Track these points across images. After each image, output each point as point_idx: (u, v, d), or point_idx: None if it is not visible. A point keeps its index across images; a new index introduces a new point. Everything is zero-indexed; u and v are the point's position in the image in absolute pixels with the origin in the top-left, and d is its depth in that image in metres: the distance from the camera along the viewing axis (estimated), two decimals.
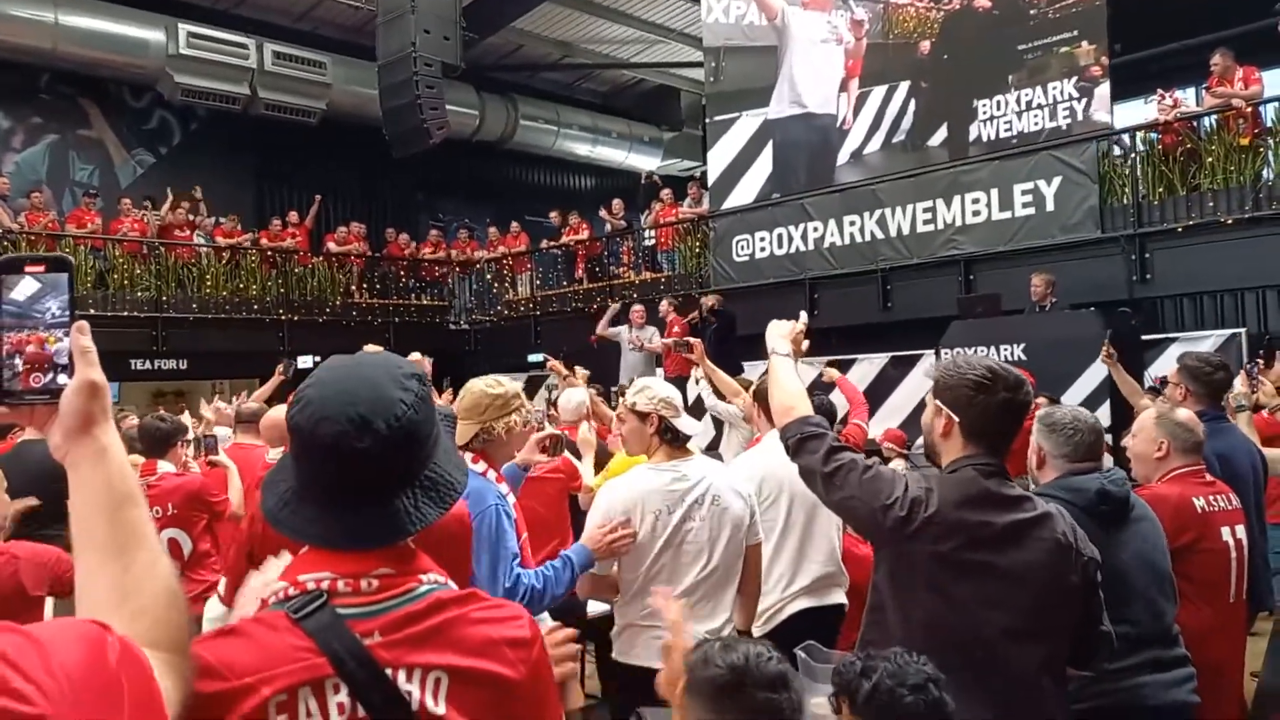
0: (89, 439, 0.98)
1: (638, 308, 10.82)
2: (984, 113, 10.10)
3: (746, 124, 12.18)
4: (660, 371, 9.92)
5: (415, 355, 4.83)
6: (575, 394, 5.36)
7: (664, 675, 1.66)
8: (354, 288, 14.09)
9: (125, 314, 11.59)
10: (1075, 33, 9.48)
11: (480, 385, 2.72)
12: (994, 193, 9.73)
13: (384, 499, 1.17)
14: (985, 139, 10.13)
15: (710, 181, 12.63)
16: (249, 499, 3.91)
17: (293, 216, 13.99)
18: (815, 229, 11.06)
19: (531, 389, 10.23)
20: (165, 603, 0.97)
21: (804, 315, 2.75)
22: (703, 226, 12.59)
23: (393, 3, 11.35)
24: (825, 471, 2.12)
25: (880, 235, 10.51)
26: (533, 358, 12.78)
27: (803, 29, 11.63)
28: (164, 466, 4.19)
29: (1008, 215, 9.64)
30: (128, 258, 12.07)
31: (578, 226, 14.38)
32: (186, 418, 5.34)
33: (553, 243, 14.62)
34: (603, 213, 14.15)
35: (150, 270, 12.15)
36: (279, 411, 4.11)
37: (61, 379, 0.99)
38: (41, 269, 1.01)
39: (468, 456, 2.58)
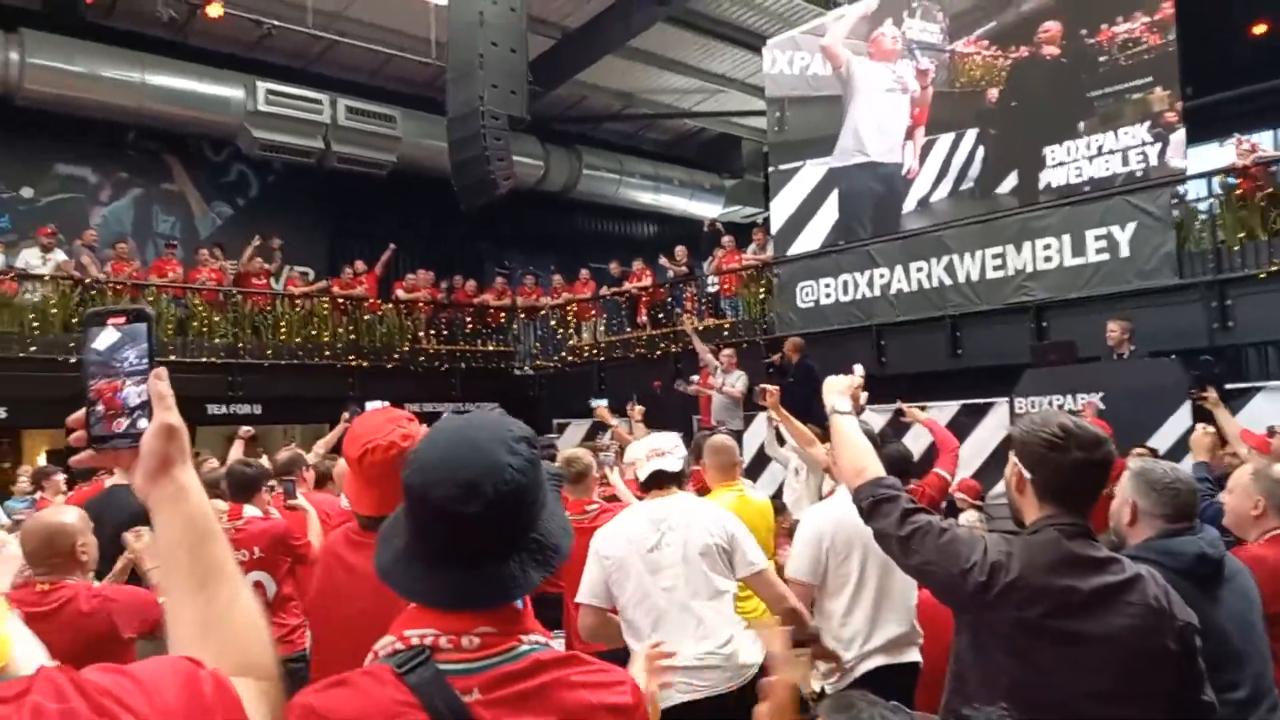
0: (168, 479, 1.02)
1: (727, 351, 10.76)
2: (1054, 159, 9.95)
3: (811, 172, 12.19)
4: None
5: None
6: (639, 445, 5.33)
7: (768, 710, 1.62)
8: (421, 334, 14.33)
9: (203, 360, 11.94)
10: (1149, 79, 9.31)
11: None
12: (1066, 239, 9.55)
13: (491, 562, 1.19)
14: (1056, 185, 9.96)
15: (774, 229, 12.62)
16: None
17: (359, 265, 14.34)
18: (881, 275, 10.96)
19: (594, 435, 10.24)
20: (250, 634, 1.01)
21: (859, 368, 2.72)
22: (766, 273, 12.57)
23: (462, 59, 11.64)
24: (900, 536, 2.06)
25: (948, 281, 10.36)
26: (594, 402, 12.81)
27: (868, 79, 11.65)
28: (249, 511, 4.27)
29: (1081, 261, 9.44)
30: (206, 306, 12.47)
31: (640, 273, 14.47)
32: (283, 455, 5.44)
33: (615, 289, 14.73)
34: (663, 260, 14.23)
35: (227, 318, 12.53)
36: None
37: (141, 423, 1.03)
38: (123, 321, 1.06)
39: None
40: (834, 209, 11.93)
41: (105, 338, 1.05)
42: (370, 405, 12.06)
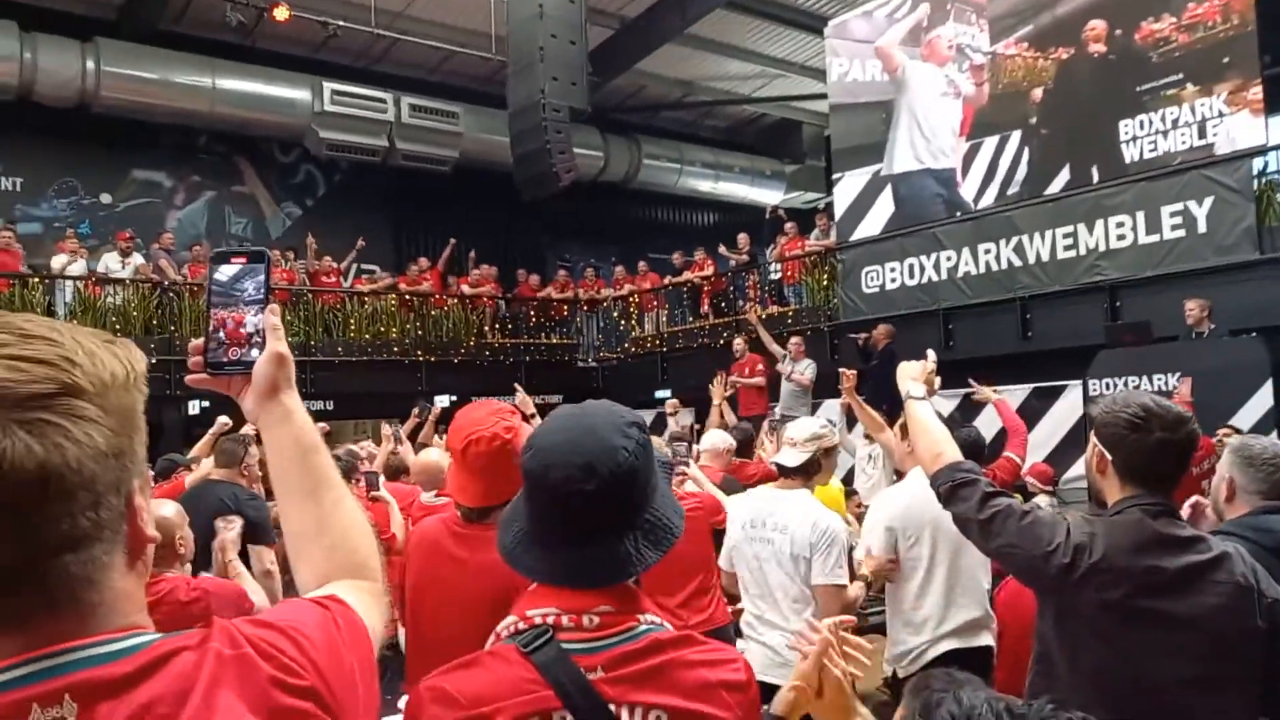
0: (276, 402, 1.12)
1: (795, 339, 10.72)
2: (1126, 133, 9.67)
3: (864, 179, 12.03)
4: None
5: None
6: (716, 435, 5.38)
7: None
8: (487, 328, 14.51)
9: None
10: (1226, 59, 8.96)
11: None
12: (1140, 216, 9.29)
13: (608, 540, 1.24)
14: (1128, 162, 9.68)
15: (838, 215, 12.48)
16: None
17: (423, 262, 14.57)
18: (949, 258, 10.78)
19: (658, 427, 10.28)
20: (356, 533, 1.11)
21: (932, 354, 2.71)
22: (830, 259, 12.46)
23: (522, 52, 11.72)
24: (981, 519, 2.05)
25: (1018, 263, 10.16)
26: (659, 394, 12.85)
27: (922, 82, 11.46)
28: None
29: (1155, 239, 9.17)
30: (279, 305, 12.71)
31: (702, 262, 14.46)
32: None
33: (677, 279, 14.74)
34: (722, 249, 14.19)
35: (299, 316, 12.84)
36: (430, 455, 4.25)
37: (254, 353, 1.12)
38: (244, 261, 1.15)
39: None
40: (889, 205, 11.77)
41: (228, 272, 1.13)
42: (439, 400, 12.33)
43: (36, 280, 11.32)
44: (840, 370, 4.86)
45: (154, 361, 9.62)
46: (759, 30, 16.04)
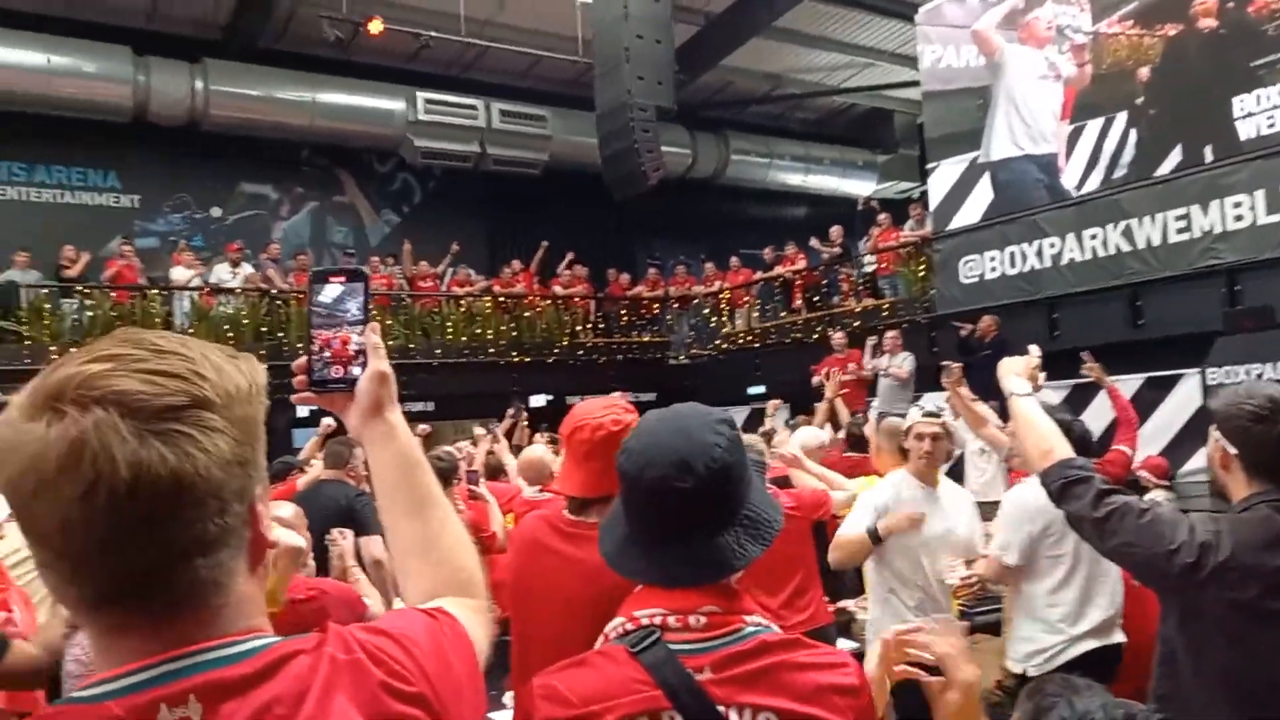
0: (380, 419, 1.13)
1: (892, 333, 10.53)
2: (1240, 109, 9.17)
3: (960, 167, 11.70)
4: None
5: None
6: (808, 432, 5.31)
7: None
8: (579, 328, 14.65)
9: None
10: None
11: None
12: (1258, 195, 8.78)
13: (708, 537, 1.24)
14: (1245, 139, 9.18)
15: (933, 204, 12.18)
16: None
17: (516, 264, 14.80)
18: (1052, 245, 10.40)
19: (752, 424, 10.22)
20: (461, 551, 1.12)
21: (1035, 349, 2.63)
22: (926, 249, 12.17)
23: (608, 54, 11.78)
24: (1096, 518, 1.96)
25: (1126, 248, 9.73)
26: (752, 390, 12.76)
27: (1020, 66, 11.07)
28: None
29: (1276, 218, 8.67)
30: (380, 310, 13.17)
31: (794, 256, 14.29)
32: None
33: (767, 274, 14.61)
34: (814, 241, 14.00)
35: (399, 321, 13.19)
36: (534, 451, 4.30)
37: (355, 370, 1.13)
38: (343, 279, 1.16)
39: None
40: (988, 193, 11.42)
41: (329, 292, 1.15)
42: (534, 399, 12.45)
43: (155, 292, 11.92)
44: (942, 365, 4.71)
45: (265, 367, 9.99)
46: (847, 19, 15.78)
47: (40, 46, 12.32)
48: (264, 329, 12.07)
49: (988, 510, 3.82)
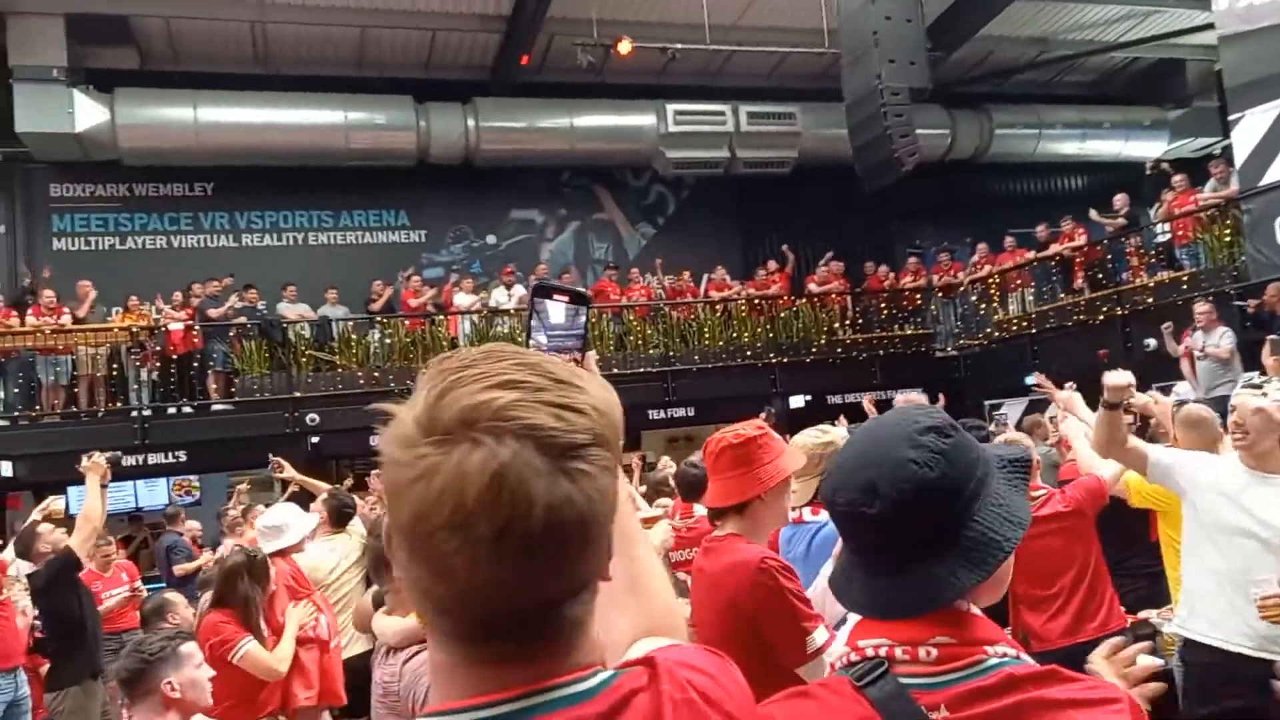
0: None
1: (1203, 307, 9.41)
2: None
3: (1271, 115, 10.18)
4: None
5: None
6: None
7: None
8: (837, 325, 14.33)
9: (640, 370, 13.03)
10: None
11: (807, 438, 2.92)
12: None
13: (913, 564, 1.11)
14: None
15: (1239, 160, 10.73)
16: None
17: (771, 265, 14.75)
18: None
19: (1039, 408, 9.49)
20: (666, 591, 1.11)
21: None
22: (1232, 210, 10.77)
23: (856, 40, 11.44)
24: None
25: None
26: (1029, 380, 11.88)
27: None
28: (699, 510, 4.51)
29: None
30: (640, 321, 13.60)
31: (1071, 232, 13.16)
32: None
33: (1042, 254, 13.54)
34: (1093, 213, 12.80)
35: (659, 330, 13.55)
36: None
37: None
38: (567, 300, 1.11)
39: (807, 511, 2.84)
40: None
41: (552, 311, 1.10)
42: (793, 400, 12.30)
43: (442, 317, 13.05)
44: (1271, 339, 4.07)
45: None
46: None
47: (338, 105, 13.90)
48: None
49: None
